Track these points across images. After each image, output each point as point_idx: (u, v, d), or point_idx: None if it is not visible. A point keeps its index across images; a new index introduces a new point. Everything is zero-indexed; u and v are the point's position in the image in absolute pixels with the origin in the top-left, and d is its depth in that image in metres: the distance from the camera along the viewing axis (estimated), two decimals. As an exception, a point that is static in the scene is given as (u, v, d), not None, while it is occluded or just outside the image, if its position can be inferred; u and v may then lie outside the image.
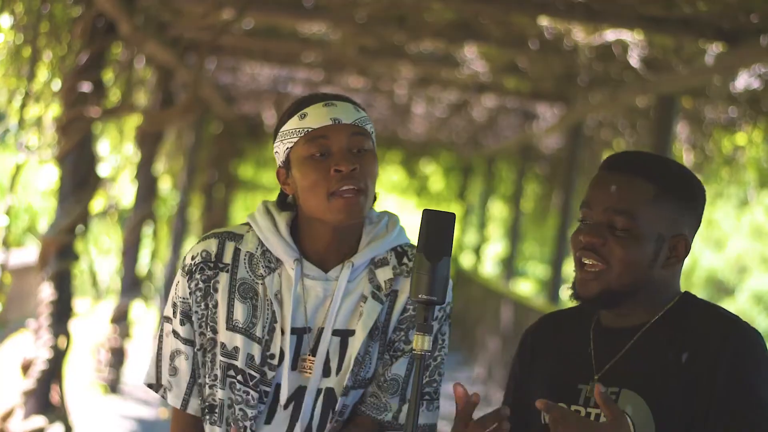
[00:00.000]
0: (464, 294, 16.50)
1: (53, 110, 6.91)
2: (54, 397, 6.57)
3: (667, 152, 7.42)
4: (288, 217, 2.48)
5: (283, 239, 2.44)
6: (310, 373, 2.40)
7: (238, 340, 2.40)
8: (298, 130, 2.41)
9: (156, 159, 9.75)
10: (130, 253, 9.30)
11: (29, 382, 6.40)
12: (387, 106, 12.70)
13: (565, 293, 2.51)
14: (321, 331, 2.42)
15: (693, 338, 2.31)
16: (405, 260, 2.50)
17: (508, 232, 15.16)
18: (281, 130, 2.45)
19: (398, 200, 21.79)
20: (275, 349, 2.40)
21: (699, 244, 21.83)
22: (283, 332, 2.40)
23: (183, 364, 2.48)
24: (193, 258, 2.46)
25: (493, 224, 20.04)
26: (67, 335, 6.68)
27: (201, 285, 2.44)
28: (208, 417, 2.46)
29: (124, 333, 9.22)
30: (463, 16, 7.05)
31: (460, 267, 18.06)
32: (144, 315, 12.00)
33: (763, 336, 2.34)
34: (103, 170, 8.64)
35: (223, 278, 2.44)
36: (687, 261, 2.42)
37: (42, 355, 6.46)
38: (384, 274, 2.47)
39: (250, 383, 2.39)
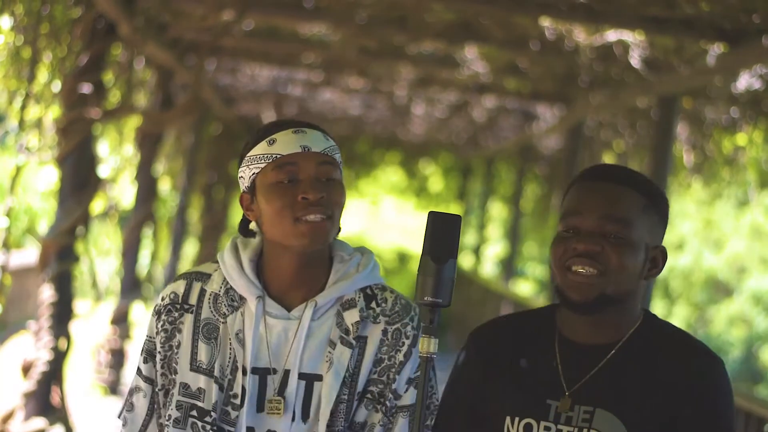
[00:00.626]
0: (464, 295, 16.49)
1: (53, 112, 6.90)
2: (54, 398, 6.57)
3: (668, 153, 7.42)
4: (252, 253, 2.45)
5: (246, 276, 2.42)
6: (279, 414, 2.36)
7: (202, 381, 2.39)
8: (266, 156, 2.38)
9: (156, 160, 9.74)
10: (130, 254, 9.29)
11: (30, 384, 6.39)
12: (387, 107, 12.68)
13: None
14: (287, 372, 2.38)
15: (665, 363, 2.34)
16: (374, 305, 2.44)
17: (508, 232, 15.16)
18: (248, 155, 2.42)
19: (397, 201, 21.79)
20: (237, 389, 2.38)
21: (698, 244, 21.82)
22: (245, 372, 2.37)
23: (141, 402, 2.47)
24: (162, 299, 2.47)
25: (492, 225, 20.03)
26: (68, 337, 6.67)
27: (167, 326, 2.44)
28: None
29: (125, 334, 9.21)
30: (463, 17, 7.05)
31: (459, 267, 18.05)
32: (144, 316, 11.99)
33: (764, 335, 2.37)
34: (103, 171, 8.64)
35: (188, 320, 2.43)
36: (686, 262, 2.45)
37: (42, 357, 6.45)
38: (351, 317, 2.41)
39: (217, 424, 2.37)
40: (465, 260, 18.72)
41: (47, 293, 6.55)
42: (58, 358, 6.59)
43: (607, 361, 2.37)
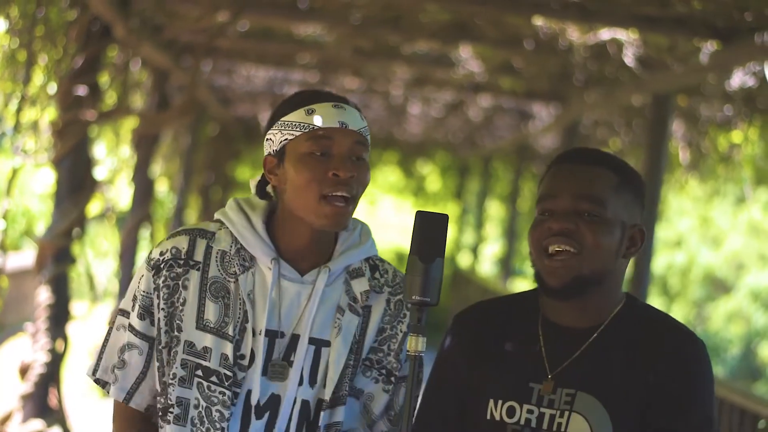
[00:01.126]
0: (462, 294, 16.50)
1: (49, 114, 6.91)
2: (52, 400, 6.58)
3: (663, 150, 7.44)
4: (262, 214, 2.43)
5: (260, 237, 2.39)
6: (283, 379, 2.36)
7: (209, 339, 2.35)
8: (302, 124, 2.36)
9: (152, 161, 9.75)
10: (128, 255, 9.29)
11: (27, 386, 6.40)
12: (383, 107, 12.70)
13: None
14: (295, 337, 2.37)
15: (646, 345, 2.36)
16: (377, 275, 2.48)
17: (506, 231, 15.18)
18: (282, 119, 2.38)
19: (395, 201, 21.80)
20: (246, 350, 2.35)
21: (696, 242, 21.84)
22: (254, 333, 2.35)
23: (135, 359, 2.42)
24: (161, 254, 2.40)
25: (490, 224, 20.05)
26: (65, 338, 6.68)
27: (169, 282, 2.38)
28: (162, 416, 2.39)
29: (122, 336, 9.21)
30: (458, 17, 7.06)
31: (457, 267, 18.07)
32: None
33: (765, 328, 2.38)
34: (99, 173, 8.65)
35: (194, 276, 2.38)
36: (684, 259, 2.47)
37: (40, 359, 6.46)
38: (360, 286, 2.43)
39: (226, 383, 2.33)
40: (463, 259, 18.74)
41: (44, 295, 6.55)
42: (56, 360, 6.60)
43: (589, 344, 2.39)
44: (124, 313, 2.43)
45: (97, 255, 11.71)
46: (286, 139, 2.37)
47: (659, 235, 21.10)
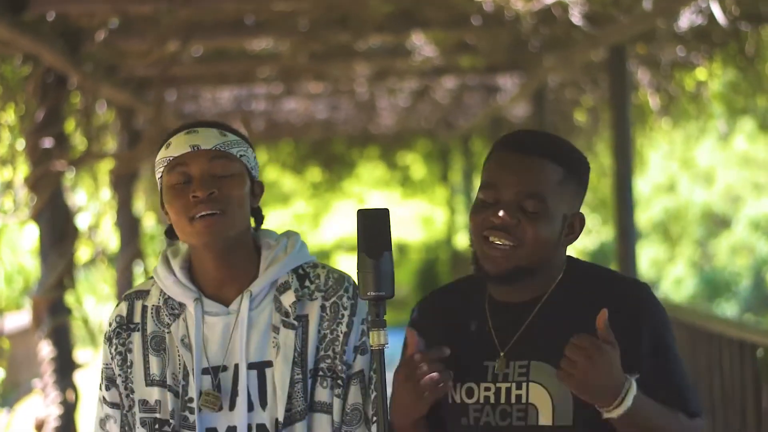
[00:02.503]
0: (465, 273, 16.52)
1: (22, 171, 6.95)
2: (71, 451, 6.62)
3: (627, 100, 7.51)
4: (182, 260, 2.50)
5: (179, 282, 2.46)
6: (213, 408, 2.39)
7: (157, 392, 2.43)
8: (162, 159, 2.44)
9: (134, 199, 9.80)
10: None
11: (44, 441, 6.45)
12: (351, 106, 12.74)
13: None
14: (236, 366, 2.41)
15: (592, 303, 2.34)
16: (307, 283, 2.49)
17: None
18: (156, 161, 2.48)
19: (383, 194, 21.82)
20: (192, 393, 2.41)
21: (688, 182, 21.86)
22: (195, 374, 2.41)
23: (114, 429, 2.50)
24: (110, 324, 2.53)
25: (481, 200, 20.04)
26: (74, 388, 6.72)
27: (120, 348, 2.49)
28: None
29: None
30: (402, 6, 7.11)
31: (455, 249, 18.11)
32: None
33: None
34: (83, 220, 8.69)
35: (136, 338, 2.48)
36: (680, 202, 2.46)
37: (53, 413, 6.50)
38: (288, 299, 2.45)
39: (181, 430, 2.41)
40: (460, 240, 18.78)
41: (46, 349, 6.59)
42: (69, 410, 6.64)
43: (534, 315, 2.41)
44: (99, 387, 2.55)
45: (99, 300, 11.74)
46: (159, 178, 2.47)
47: (651, 183, 21.16)
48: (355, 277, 2.31)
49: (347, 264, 19.84)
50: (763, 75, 8.25)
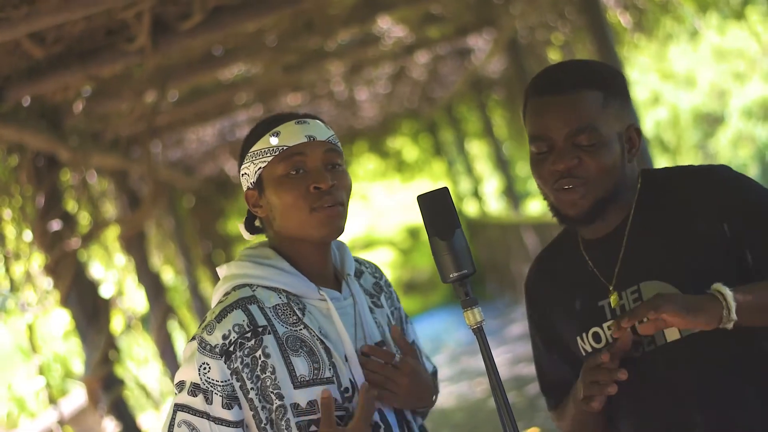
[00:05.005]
0: (484, 240, 16.51)
1: (36, 259, 6.90)
2: None
3: (603, 24, 7.45)
4: (275, 255, 2.42)
5: (298, 276, 2.40)
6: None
7: (311, 393, 2.31)
8: (271, 148, 2.37)
9: (149, 256, 9.76)
10: (167, 352, 9.31)
11: None
12: (333, 106, 12.71)
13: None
14: (378, 343, 2.48)
15: (682, 202, 2.35)
16: (363, 268, 2.60)
17: (496, 164, 15.19)
18: (251, 150, 2.40)
19: (384, 184, 21.79)
20: (345, 382, 2.35)
21: (672, 90, 21.81)
22: (346, 360, 2.36)
23: None
24: (225, 337, 2.31)
25: (479, 163, 20.04)
26: (148, 455, 6.71)
27: (247, 360, 2.30)
28: None
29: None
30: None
31: (467, 217, 18.07)
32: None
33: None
34: (107, 291, 8.65)
35: (270, 341, 2.32)
36: (668, 111, 2.45)
37: (133, 484, 6.49)
38: (367, 282, 2.56)
39: (342, 423, 2.33)
40: (469, 207, 18.74)
41: (110, 426, 6.57)
42: (148, 478, 6.63)
43: (627, 238, 2.40)
44: (186, 409, 2.32)
45: (140, 365, 11.70)
46: (260, 168, 2.39)
47: (636, 101, 21.12)
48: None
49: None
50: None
